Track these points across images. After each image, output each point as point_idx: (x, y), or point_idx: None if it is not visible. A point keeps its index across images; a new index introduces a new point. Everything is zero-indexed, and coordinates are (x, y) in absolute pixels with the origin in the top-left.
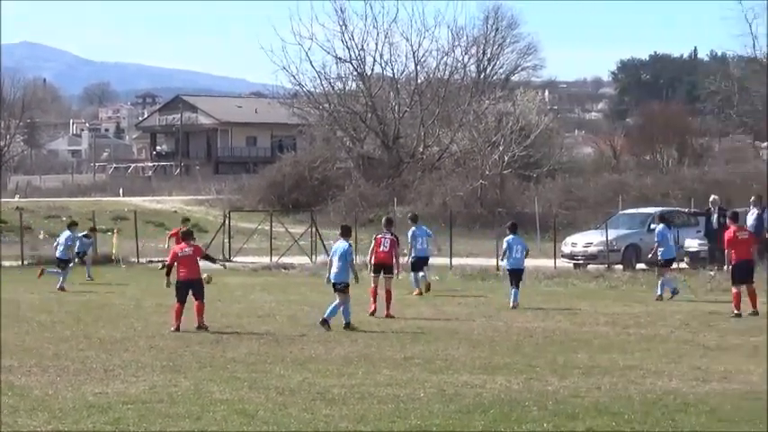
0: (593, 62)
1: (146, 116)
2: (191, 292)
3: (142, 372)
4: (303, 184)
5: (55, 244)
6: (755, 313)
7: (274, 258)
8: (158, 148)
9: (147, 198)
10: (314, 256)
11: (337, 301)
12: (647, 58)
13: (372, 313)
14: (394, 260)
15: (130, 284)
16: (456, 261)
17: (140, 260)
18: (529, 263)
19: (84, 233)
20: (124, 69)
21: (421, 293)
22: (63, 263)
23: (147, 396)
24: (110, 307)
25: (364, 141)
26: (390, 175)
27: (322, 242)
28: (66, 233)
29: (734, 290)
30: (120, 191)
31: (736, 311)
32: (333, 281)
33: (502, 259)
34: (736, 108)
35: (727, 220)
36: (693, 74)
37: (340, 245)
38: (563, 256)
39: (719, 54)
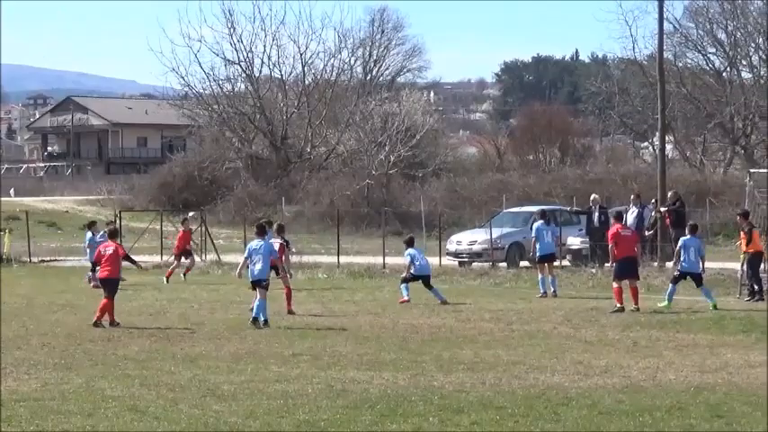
0: (477, 64)
1: (37, 117)
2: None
3: (34, 369)
4: (193, 184)
5: None
6: (637, 309)
7: (165, 257)
8: (50, 148)
9: (38, 198)
10: (204, 255)
11: (259, 297)
12: (530, 60)
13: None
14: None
15: (23, 283)
16: (343, 259)
17: (32, 259)
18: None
19: None
20: (14, 71)
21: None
22: None
23: (38, 393)
24: (2, 306)
25: (253, 142)
26: (278, 175)
27: (212, 241)
28: None
29: (615, 285)
30: (12, 191)
31: (618, 305)
32: (257, 278)
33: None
34: (617, 109)
35: (612, 219)
36: (575, 75)
37: (258, 242)
38: (448, 254)
39: (600, 56)
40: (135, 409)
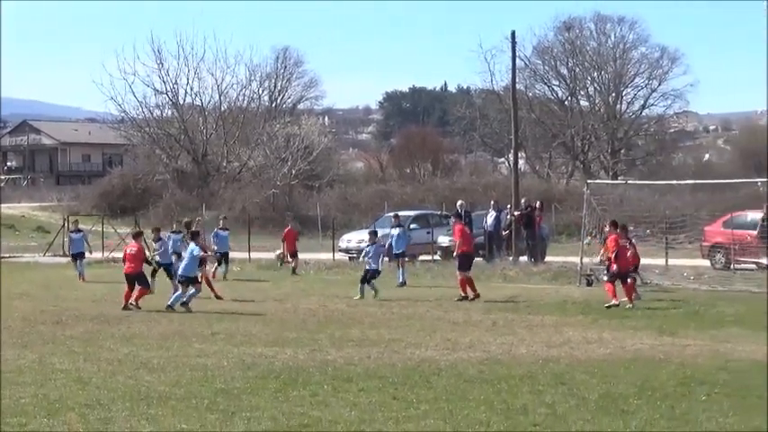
0: (364, 93)
1: None
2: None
3: None
4: (128, 192)
5: None
6: (464, 298)
7: (105, 254)
8: (9, 164)
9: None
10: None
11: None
12: (408, 90)
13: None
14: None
15: None
16: (254, 255)
17: None
18: (312, 256)
19: None
20: None
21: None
22: None
23: None
24: None
25: (178, 158)
26: (200, 186)
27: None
28: None
29: (460, 276)
30: None
31: (463, 294)
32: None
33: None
34: (478, 131)
35: (452, 218)
36: (444, 103)
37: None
38: (340, 250)
39: (465, 87)
40: (80, 380)
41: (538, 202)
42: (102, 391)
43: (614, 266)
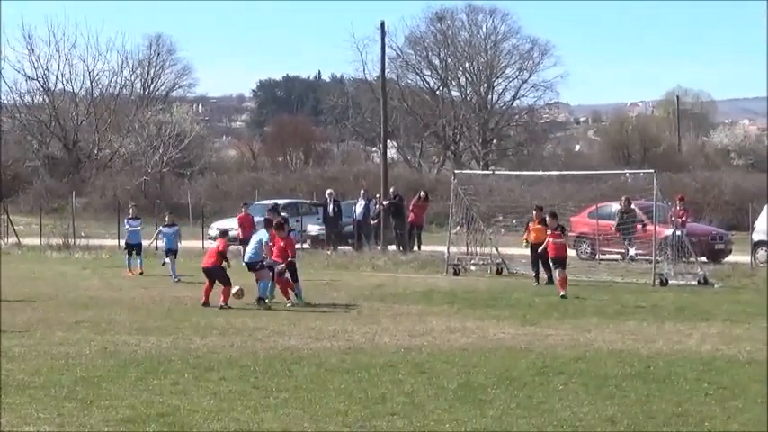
0: (237, 81)
1: None
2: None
3: None
4: None
5: None
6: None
7: None
8: None
9: None
10: (5, 239)
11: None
12: (281, 79)
13: None
14: None
15: None
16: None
17: None
18: (184, 244)
19: None
20: None
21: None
22: None
23: None
24: None
25: (49, 144)
26: (71, 172)
27: (13, 227)
28: None
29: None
30: None
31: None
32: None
33: None
34: (351, 120)
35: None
36: (318, 92)
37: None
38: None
39: (338, 76)
40: None
41: (423, 193)
42: None
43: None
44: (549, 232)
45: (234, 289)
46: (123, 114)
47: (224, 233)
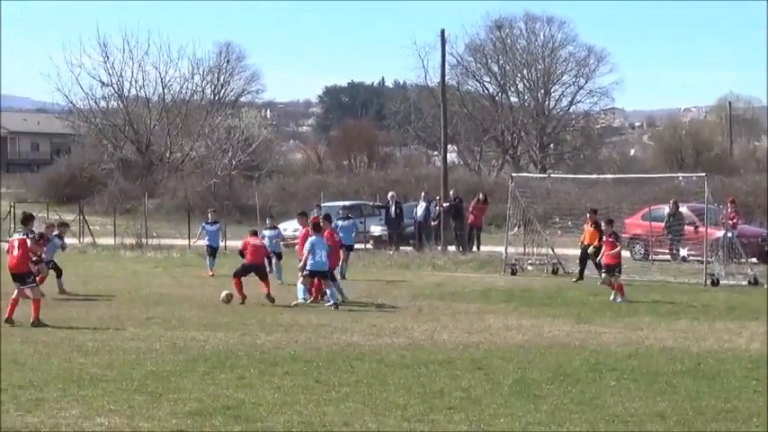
0: (304, 87)
1: None
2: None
3: None
4: (75, 181)
5: None
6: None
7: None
8: None
9: None
10: (81, 238)
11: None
12: (346, 85)
13: None
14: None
15: None
16: (194, 242)
17: None
18: None
19: None
20: None
21: None
22: None
23: None
24: None
25: (123, 148)
26: (144, 175)
27: (88, 227)
28: None
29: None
30: None
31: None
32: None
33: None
34: (413, 125)
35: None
36: (381, 97)
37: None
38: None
39: (401, 82)
40: (15, 362)
41: (482, 195)
42: (36, 373)
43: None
44: (603, 238)
45: (222, 294)
46: (194, 119)
47: (254, 233)
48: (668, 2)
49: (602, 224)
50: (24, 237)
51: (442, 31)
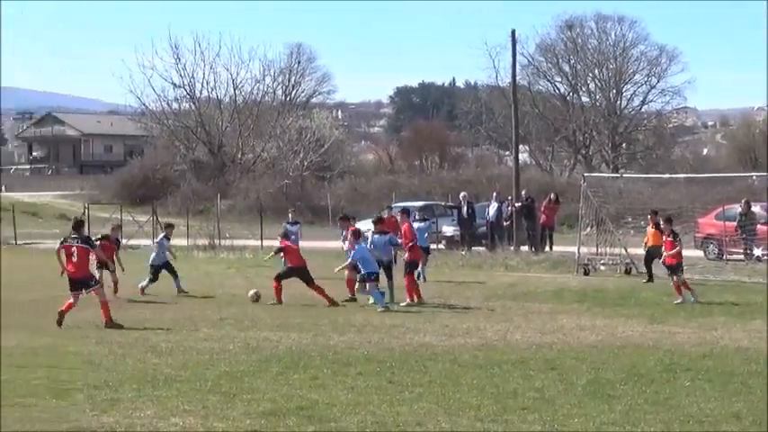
0: (375, 88)
1: (24, 129)
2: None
3: (13, 331)
4: (148, 182)
5: None
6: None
7: (123, 241)
8: (34, 154)
9: (24, 193)
10: (155, 239)
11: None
12: (417, 85)
13: None
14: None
15: (9, 262)
16: (266, 243)
17: (18, 242)
18: (321, 244)
19: None
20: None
21: None
22: None
23: (13, 350)
24: None
25: (195, 149)
26: (216, 176)
27: (161, 228)
28: None
29: (410, 278)
30: (3, 187)
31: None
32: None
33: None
34: (484, 125)
35: (400, 215)
36: (452, 98)
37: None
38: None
39: (472, 82)
40: (91, 362)
41: (553, 195)
42: (111, 374)
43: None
44: (663, 238)
45: (251, 292)
46: (265, 120)
47: (285, 235)
48: (740, 1)
49: (661, 223)
50: (86, 245)
51: (513, 32)
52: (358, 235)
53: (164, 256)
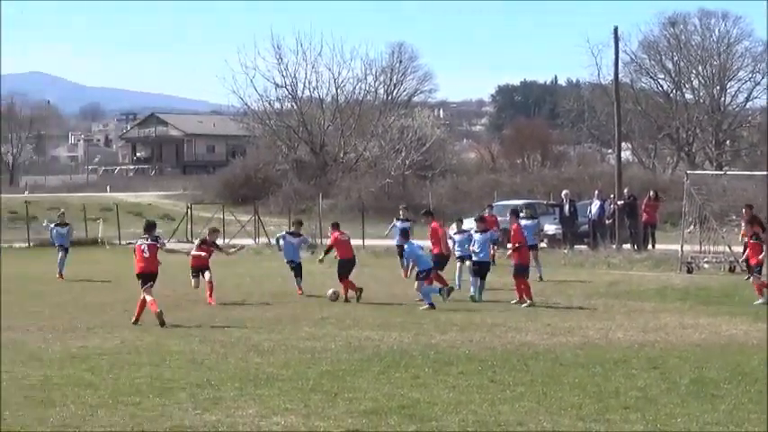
0: (477, 87)
1: (128, 129)
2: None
3: (116, 330)
4: (250, 182)
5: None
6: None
7: (226, 240)
8: (138, 154)
9: (128, 194)
10: (257, 239)
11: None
12: (519, 84)
13: None
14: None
15: (113, 262)
16: (368, 242)
17: (121, 242)
18: (426, 243)
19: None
20: (110, 93)
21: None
22: None
23: (118, 348)
24: (94, 280)
25: (297, 149)
26: (318, 175)
27: (263, 227)
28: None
29: (522, 280)
30: (107, 188)
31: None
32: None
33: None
34: (586, 123)
35: (510, 216)
36: (554, 96)
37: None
38: (450, 238)
39: (574, 80)
40: (194, 361)
41: (653, 192)
42: (213, 372)
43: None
44: (746, 239)
45: (329, 292)
46: (367, 119)
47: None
48: None
49: (742, 223)
50: (155, 243)
51: (616, 29)
52: (407, 235)
53: (294, 254)
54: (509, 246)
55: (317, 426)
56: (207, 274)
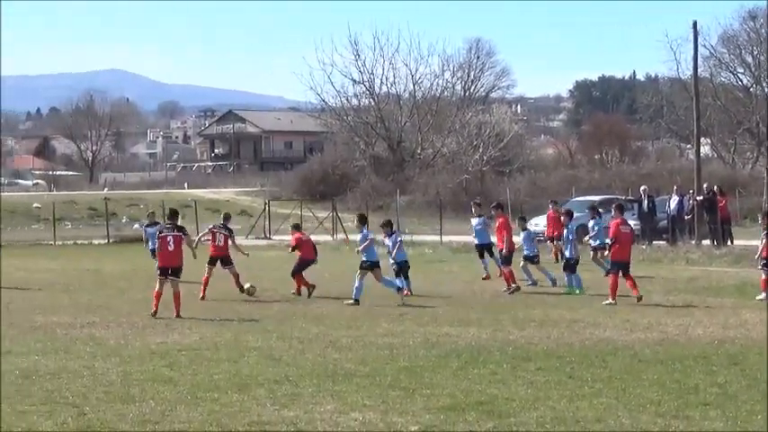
0: (554, 82)
1: (206, 126)
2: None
3: (195, 326)
4: (327, 178)
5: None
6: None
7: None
8: (216, 151)
9: (206, 190)
10: (335, 235)
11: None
12: (597, 79)
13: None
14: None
15: (191, 258)
16: (445, 238)
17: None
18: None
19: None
20: (189, 90)
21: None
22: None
23: (197, 344)
24: None
25: (374, 145)
26: (395, 171)
27: (341, 224)
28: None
29: (613, 277)
30: (186, 185)
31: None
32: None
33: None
34: (665, 118)
35: (613, 212)
36: (632, 91)
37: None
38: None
39: (652, 75)
40: (271, 357)
41: (715, 187)
42: (291, 368)
43: None
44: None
45: (246, 285)
46: (444, 115)
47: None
48: None
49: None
50: (180, 233)
51: (695, 23)
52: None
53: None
54: (585, 239)
55: (395, 422)
56: (231, 267)
